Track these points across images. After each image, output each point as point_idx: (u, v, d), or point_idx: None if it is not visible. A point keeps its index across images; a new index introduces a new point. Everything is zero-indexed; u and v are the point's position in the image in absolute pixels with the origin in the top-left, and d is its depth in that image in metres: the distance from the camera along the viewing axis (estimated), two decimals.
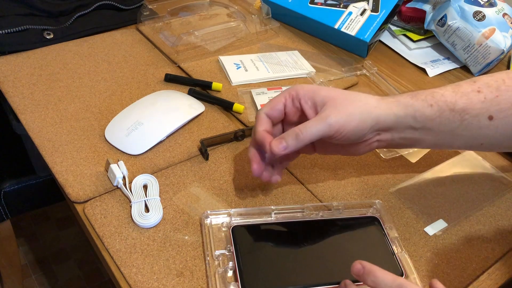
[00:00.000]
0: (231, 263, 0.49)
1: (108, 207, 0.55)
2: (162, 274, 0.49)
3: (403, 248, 0.53)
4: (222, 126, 0.69)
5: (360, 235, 0.54)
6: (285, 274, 0.48)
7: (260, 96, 0.73)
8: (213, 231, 0.53)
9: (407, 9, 0.94)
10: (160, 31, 0.86)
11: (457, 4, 0.85)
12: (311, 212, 0.56)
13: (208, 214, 0.54)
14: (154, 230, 0.53)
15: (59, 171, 0.59)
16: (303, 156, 0.65)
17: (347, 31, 0.85)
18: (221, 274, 0.48)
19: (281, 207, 0.56)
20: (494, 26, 0.83)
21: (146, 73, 0.77)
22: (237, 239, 0.51)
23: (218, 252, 0.50)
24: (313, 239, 0.52)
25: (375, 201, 0.58)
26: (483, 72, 0.87)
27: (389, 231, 0.54)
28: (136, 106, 0.68)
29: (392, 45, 0.93)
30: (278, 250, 0.51)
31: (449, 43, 0.87)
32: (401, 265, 0.51)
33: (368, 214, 0.56)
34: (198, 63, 0.81)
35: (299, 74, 0.81)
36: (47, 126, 0.65)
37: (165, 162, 0.62)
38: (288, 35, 0.92)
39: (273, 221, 0.54)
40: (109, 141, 0.64)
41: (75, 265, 1.41)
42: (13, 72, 0.74)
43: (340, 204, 0.57)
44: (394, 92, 0.80)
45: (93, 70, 0.77)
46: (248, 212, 0.55)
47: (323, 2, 0.88)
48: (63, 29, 0.82)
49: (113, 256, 0.50)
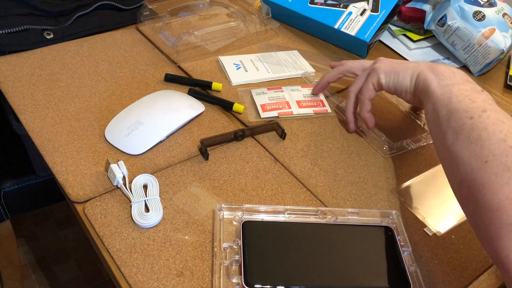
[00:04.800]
0: (237, 256, 0.50)
1: (108, 207, 0.55)
2: (162, 274, 0.49)
3: (415, 262, 0.52)
4: (222, 126, 0.69)
5: (371, 244, 0.53)
6: (289, 273, 0.48)
7: (260, 96, 0.73)
8: (224, 224, 0.53)
9: (407, 9, 0.94)
10: (160, 31, 0.86)
11: (457, 4, 0.85)
12: (324, 216, 0.56)
13: (222, 207, 0.55)
14: (154, 230, 0.53)
15: (59, 171, 0.59)
16: (303, 156, 0.65)
17: (347, 31, 0.85)
18: (226, 266, 0.49)
19: (295, 207, 0.56)
20: (494, 26, 0.83)
21: (146, 73, 0.77)
22: (246, 234, 0.51)
23: (226, 245, 0.51)
24: (322, 242, 0.52)
25: (391, 211, 0.57)
26: (483, 72, 0.87)
27: (402, 242, 0.54)
28: (136, 106, 0.68)
29: (392, 45, 0.93)
30: (285, 249, 0.51)
31: (449, 43, 0.87)
32: (411, 279, 0.50)
33: (383, 224, 0.56)
34: (198, 63, 0.81)
35: (299, 74, 0.81)
36: (47, 126, 0.65)
37: (165, 162, 0.62)
38: (288, 35, 0.92)
39: (284, 221, 0.55)
40: (109, 141, 0.64)
41: (75, 265, 1.41)
42: (13, 72, 0.74)
43: (356, 210, 0.57)
44: None
45: (93, 70, 0.77)
46: (260, 209, 0.55)
47: (323, 2, 0.88)
48: (63, 29, 0.82)
49: (113, 256, 0.50)
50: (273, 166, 0.63)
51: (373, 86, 0.64)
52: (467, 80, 0.54)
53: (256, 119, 0.70)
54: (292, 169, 0.63)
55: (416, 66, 0.60)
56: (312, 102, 0.73)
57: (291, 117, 0.71)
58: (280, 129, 0.67)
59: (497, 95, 0.84)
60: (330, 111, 0.73)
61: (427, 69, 0.57)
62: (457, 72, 0.55)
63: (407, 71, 0.60)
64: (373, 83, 0.63)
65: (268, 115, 0.70)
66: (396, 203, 0.60)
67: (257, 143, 0.67)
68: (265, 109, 0.71)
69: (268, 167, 0.63)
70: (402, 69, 0.61)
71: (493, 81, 0.87)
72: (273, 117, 0.70)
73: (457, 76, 0.54)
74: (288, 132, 0.68)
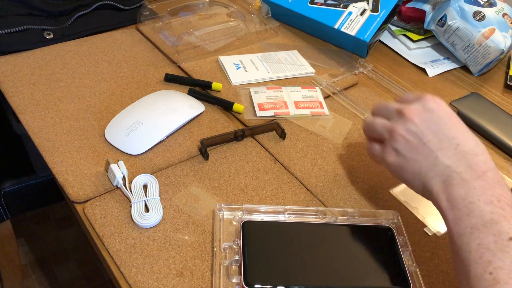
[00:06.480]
0: (237, 256, 0.50)
1: (108, 207, 0.55)
2: (162, 274, 0.49)
3: (415, 262, 0.52)
4: (222, 126, 0.69)
5: (371, 244, 0.53)
6: (288, 273, 0.48)
7: (258, 94, 0.73)
8: (224, 224, 0.53)
9: (407, 9, 0.94)
10: (160, 31, 0.86)
11: (457, 4, 0.85)
12: (324, 216, 0.56)
13: (222, 207, 0.55)
14: (154, 230, 0.53)
15: (59, 171, 0.59)
16: (303, 156, 0.65)
17: (347, 31, 0.85)
18: (226, 266, 0.49)
19: (294, 207, 0.56)
20: (494, 26, 0.83)
21: (146, 73, 0.77)
22: (245, 234, 0.51)
23: (226, 245, 0.51)
24: (322, 242, 0.52)
25: (391, 211, 0.57)
26: (483, 72, 0.87)
27: (402, 243, 0.54)
28: (136, 106, 0.68)
29: (392, 45, 0.93)
30: (285, 249, 0.51)
31: (449, 43, 0.87)
32: (411, 279, 0.50)
33: (383, 224, 0.56)
34: (198, 63, 0.81)
35: (299, 74, 0.81)
36: (47, 126, 0.65)
37: (165, 162, 0.62)
38: (288, 34, 0.92)
39: (284, 221, 0.55)
40: (109, 141, 0.64)
41: (75, 265, 1.41)
42: (13, 72, 0.74)
43: (356, 210, 0.57)
44: (394, 89, 0.80)
45: (93, 70, 0.77)
46: (260, 209, 0.55)
47: (323, 2, 0.88)
48: (63, 29, 0.82)
49: (113, 256, 0.50)
50: (273, 166, 0.63)
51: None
52: (491, 216, 0.42)
53: (252, 118, 0.70)
54: (292, 169, 0.63)
55: (432, 169, 0.47)
56: (310, 103, 0.73)
57: (287, 117, 0.71)
58: (280, 129, 0.67)
59: (497, 95, 0.84)
60: (328, 113, 0.73)
61: (442, 189, 0.46)
62: (479, 196, 0.43)
63: (420, 167, 0.48)
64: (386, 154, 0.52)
65: (265, 114, 0.70)
66: (396, 203, 0.60)
67: (257, 143, 0.67)
68: (262, 108, 0.71)
69: (268, 167, 0.63)
70: (415, 162, 0.49)
71: (493, 81, 0.87)
72: (269, 117, 0.70)
73: (477, 209, 0.43)
74: (288, 132, 0.68)
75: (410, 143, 0.49)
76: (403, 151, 0.49)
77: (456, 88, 0.84)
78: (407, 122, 0.49)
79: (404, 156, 0.49)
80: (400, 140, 0.49)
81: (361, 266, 0.50)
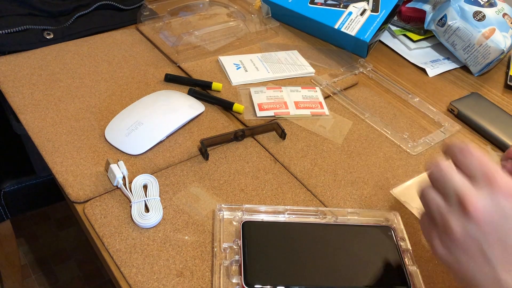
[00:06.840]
0: (237, 256, 0.50)
1: (108, 207, 0.55)
2: (162, 274, 0.49)
3: (415, 262, 0.52)
4: (222, 126, 0.69)
5: (371, 243, 0.53)
6: (289, 273, 0.48)
7: (258, 94, 0.73)
8: (224, 224, 0.53)
9: (407, 9, 0.94)
10: (160, 31, 0.86)
11: (457, 4, 0.85)
12: (324, 216, 0.56)
13: (222, 208, 0.55)
14: (154, 230, 0.53)
15: (59, 171, 0.59)
16: (303, 156, 0.65)
17: (347, 31, 0.85)
18: (226, 266, 0.49)
19: (295, 207, 0.56)
20: (494, 26, 0.83)
21: (146, 73, 0.77)
22: (246, 234, 0.51)
23: (226, 245, 0.51)
24: (322, 242, 0.52)
25: (391, 211, 0.57)
26: (483, 72, 0.87)
27: (401, 242, 0.54)
28: (136, 106, 0.68)
29: (392, 45, 0.93)
30: (285, 249, 0.51)
31: (449, 43, 0.87)
32: (410, 279, 0.50)
33: (383, 224, 0.56)
34: (198, 63, 0.81)
35: (299, 74, 0.81)
36: (47, 126, 0.65)
37: (165, 162, 0.62)
38: (288, 35, 0.92)
39: (284, 221, 0.55)
40: (109, 141, 0.64)
41: (75, 265, 1.41)
42: (13, 72, 0.74)
43: (356, 210, 0.57)
44: (394, 89, 0.80)
45: (93, 70, 0.77)
46: (260, 209, 0.55)
47: (323, 2, 0.88)
48: (63, 29, 0.82)
49: (113, 256, 0.50)
50: (273, 166, 0.63)
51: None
52: None
53: (253, 118, 0.70)
54: (292, 169, 0.63)
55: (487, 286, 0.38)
56: (310, 103, 0.73)
57: (287, 117, 0.71)
58: (280, 129, 0.67)
59: (497, 95, 0.84)
60: (328, 113, 0.73)
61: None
62: None
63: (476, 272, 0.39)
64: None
65: (265, 114, 0.70)
66: (396, 203, 0.60)
67: (257, 143, 0.67)
68: (262, 108, 0.71)
69: (268, 167, 0.63)
70: (467, 268, 0.39)
71: (493, 81, 0.87)
72: (269, 117, 0.70)
73: None
74: (288, 132, 0.68)
75: (464, 246, 0.39)
76: (455, 251, 0.40)
77: (456, 88, 0.84)
78: (468, 220, 0.39)
79: (454, 256, 0.40)
80: (454, 239, 0.39)
81: (361, 266, 0.50)
